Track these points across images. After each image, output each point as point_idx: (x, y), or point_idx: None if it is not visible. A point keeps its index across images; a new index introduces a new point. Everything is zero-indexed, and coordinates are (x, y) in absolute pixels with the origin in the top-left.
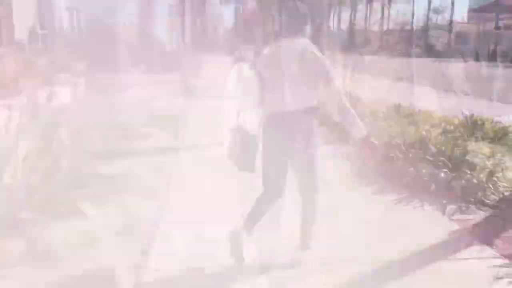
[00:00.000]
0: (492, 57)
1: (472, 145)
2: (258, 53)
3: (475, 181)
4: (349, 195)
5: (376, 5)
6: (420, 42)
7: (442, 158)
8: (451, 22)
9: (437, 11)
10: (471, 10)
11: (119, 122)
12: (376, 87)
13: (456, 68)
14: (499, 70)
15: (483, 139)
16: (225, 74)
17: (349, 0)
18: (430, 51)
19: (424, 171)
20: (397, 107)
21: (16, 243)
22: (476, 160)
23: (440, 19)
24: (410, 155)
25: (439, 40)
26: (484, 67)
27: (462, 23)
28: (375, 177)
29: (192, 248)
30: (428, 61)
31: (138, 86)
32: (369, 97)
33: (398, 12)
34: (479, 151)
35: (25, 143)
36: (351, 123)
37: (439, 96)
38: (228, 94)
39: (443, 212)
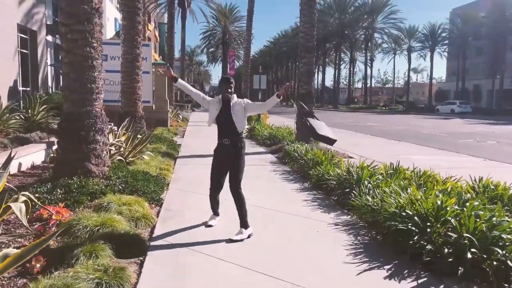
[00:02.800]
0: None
1: (495, 217)
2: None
3: (509, 262)
4: (357, 281)
5: (359, 64)
6: (402, 99)
7: (466, 235)
8: (430, 80)
9: (416, 71)
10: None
11: None
12: (362, 144)
13: (438, 123)
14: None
15: (501, 207)
16: None
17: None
18: (411, 108)
19: (446, 250)
20: (396, 168)
21: None
22: (506, 236)
23: (420, 78)
24: (428, 229)
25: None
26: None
27: (440, 82)
28: (387, 254)
29: None
30: (410, 117)
31: None
32: (357, 153)
33: (379, 71)
34: (507, 224)
35: None
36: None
37: (427, 153)
38: None
39: None
